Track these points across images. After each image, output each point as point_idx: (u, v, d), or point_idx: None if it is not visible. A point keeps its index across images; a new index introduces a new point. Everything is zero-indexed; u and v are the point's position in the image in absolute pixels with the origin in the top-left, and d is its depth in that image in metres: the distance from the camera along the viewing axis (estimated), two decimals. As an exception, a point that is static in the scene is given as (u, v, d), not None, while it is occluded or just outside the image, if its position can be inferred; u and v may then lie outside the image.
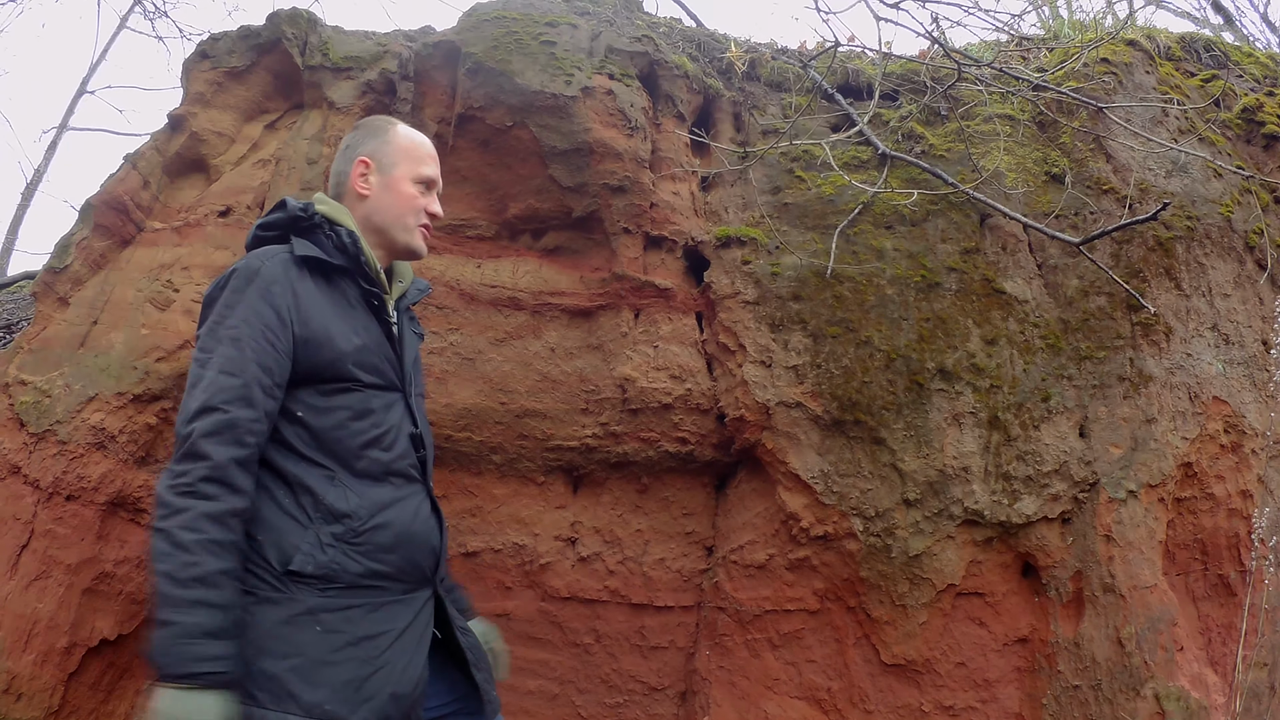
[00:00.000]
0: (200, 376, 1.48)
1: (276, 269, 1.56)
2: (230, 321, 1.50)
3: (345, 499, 1.51)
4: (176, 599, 1.32)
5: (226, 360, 1.47)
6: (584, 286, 2.73)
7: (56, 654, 2.59)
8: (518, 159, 2.71)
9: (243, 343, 1.48)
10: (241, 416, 1.44)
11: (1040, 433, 2.64)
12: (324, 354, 1.55)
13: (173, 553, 1.34)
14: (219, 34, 3.01)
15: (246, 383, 1.46)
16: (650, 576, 2.69)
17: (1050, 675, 2.58)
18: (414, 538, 1.60)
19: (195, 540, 1.35)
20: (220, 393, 1.44)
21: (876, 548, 2.55)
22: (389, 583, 1.54)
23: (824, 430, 2.59)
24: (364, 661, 1.46)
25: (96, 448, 2.67)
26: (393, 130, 1.77)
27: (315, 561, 1.46)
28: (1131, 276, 2.80)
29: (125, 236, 2.95)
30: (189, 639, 1.31)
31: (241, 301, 1.52)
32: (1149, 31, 3.32)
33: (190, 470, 1.39)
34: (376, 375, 1.62)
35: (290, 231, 1.65)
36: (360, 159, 1.73)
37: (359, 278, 1.65)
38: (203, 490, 1.38)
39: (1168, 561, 2.78)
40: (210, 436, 1.41)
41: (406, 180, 1.72)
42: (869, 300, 2.68)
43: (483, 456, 2.69)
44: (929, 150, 2.94)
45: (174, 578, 1.33)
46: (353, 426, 1.56)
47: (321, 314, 1.57)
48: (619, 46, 2.84)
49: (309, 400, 1.54)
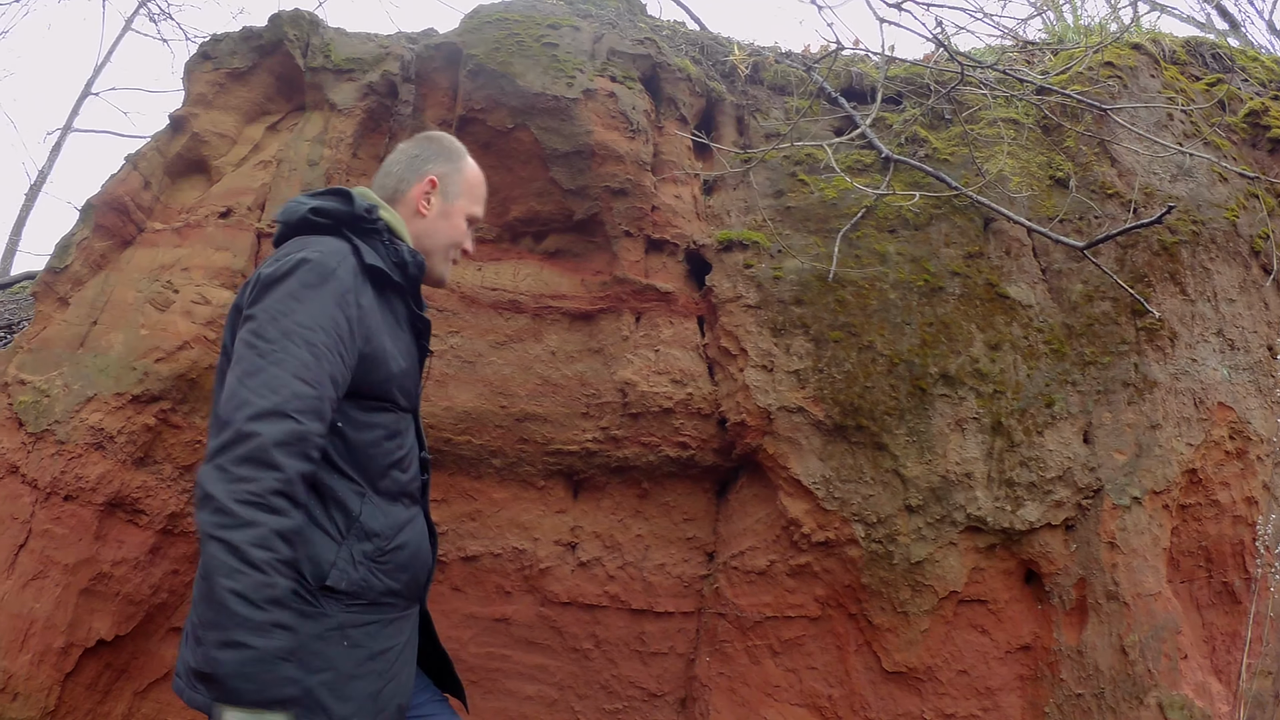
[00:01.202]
0: (261, 369, 1.37)
1: (347, 275, 1.49)
2: (301, 318, 1.42)
3: (375, 518, 1.52)
4: (253, 621, 1.25)
5: (302, 366, 1.39)
6: (585, 290, 2.71)
7: (53, 654, 2.58)
8: (519, 161, 2.70)
9: (319, 350, 1.41)
10: (313, 430, 1.37)
11: (1044, 438, 2.62)
12: (378, 373, 1.53)
13: (245, 571, 1.25)
14: (221, 35, 3.01)
15: (321, 396, 1.39)
16: (650, 582, 2.68)
17: (1053, 683, 2.56)
18: (420, 557, 1.63)
19: (268, 560, 1.27)
20: (295, 400, 1.36)
21: (878, 554, 2.53)
22: (399, 599, 1.57)
23: (826, 435, 2.58)
24: (380, 675, 1.49)
25: (95, 448, 2.66)
26: (464, 160, 1.77)
27: (349, 579, 1.46)
28: (1136, 281, 2.78)
29: (126, 237, 2.94)
30: (269, 663, 1.25)
31: (315, 300, 1.44)
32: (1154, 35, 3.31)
33: (259, 479, 1.30)
34: (408, 399, 1.62)
35: (346, 227, 1.58)
36: (430, 177, 1.71)
37: (412, 300, 1.65)
38: (274, 504, 1.30)
39: (1172, 569, 2.75)
40: (283, 447, 1.32)
41: (463, 215, 1.74)
42: (871, 304, 2.66)
43: (482, 460, 2.68)
44: (932, 154, 2.92)
45: (248, 599, 1.25)
46: (385, 445, 1.55)
47: (380, 332, 1.53)
48: (621, 49, 2.84)
49: (349, 413, 1.51)
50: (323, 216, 1.57)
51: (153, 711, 2.74)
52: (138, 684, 2.71)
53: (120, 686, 2.70)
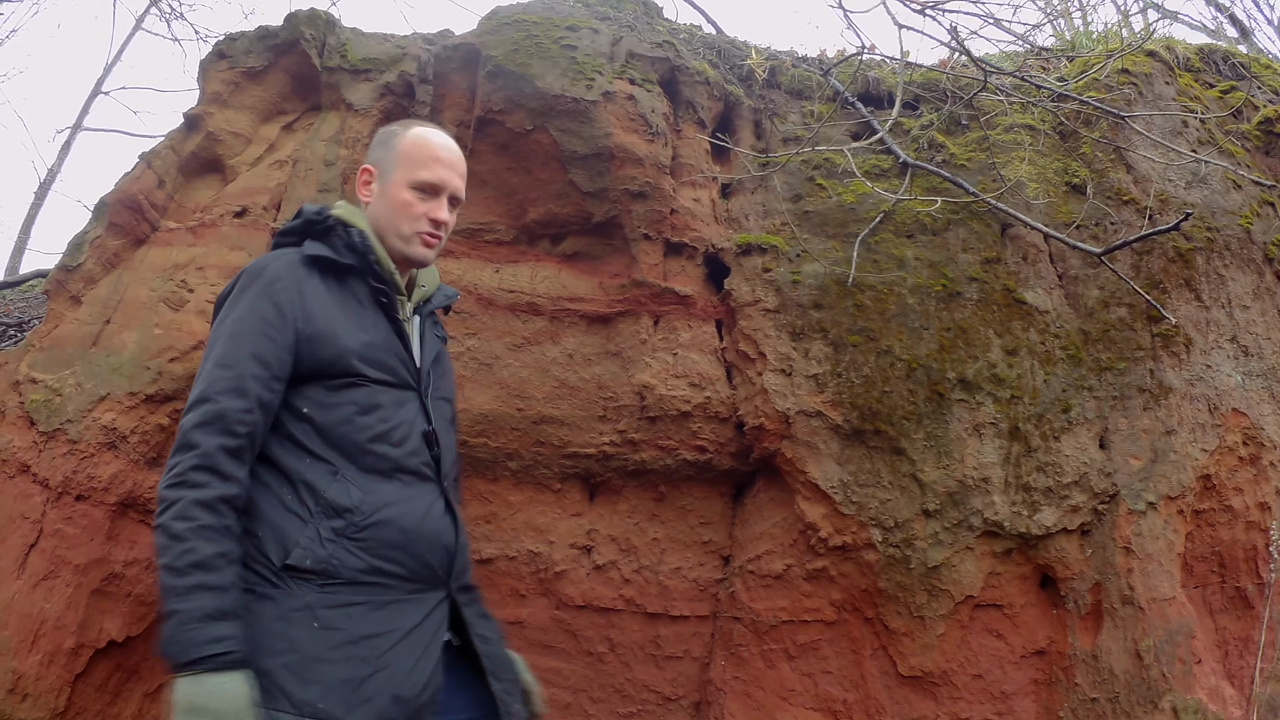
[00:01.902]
0: (200, 371, 1.52)
1: (281, 267, 1.60)
2: (232, 318, 1.54)
3: (347, 493, 1.50)
4: (177, 588, 1.33)
5: (221, 353, 1.51)
6: (603, 292, 2.70)
7: (63, 655, 2.56)
8: (537, 163, 2.69)
9: (239, 336, 1.52)
10: (231, 406, 1.46)
11: (1060, 444, 2.63)
12: (329, 350, 1.57)
13: (169, 544, 1.36)
14: (236, 34, 2.99)
15: (239, 374, 1.48)
16: (666, 585, 2.67)
17: (1067, 688, 2.56)
18: (424, 536, 1.56)
19: (187, 528, 1.36)
20: (213, 384, 1.48)
21: (895, 558, 2.53)
22: (395, 581, 1.50)
23: (844, 440, 2.58)
24: (363, 661, 1.42)
25: (107, 448, 2.65)
26: (399, 136, 1.75)
27: (314, 556, 1.44)
28: (1152, 287, 2.79)
29: (139, 236, 2.92)
30: (193, 624, 1.31)
31: (244, 299, 1.56)
32: (1168, 42, 3.32)
33: (180, 461, 1.42)
34: (385, 371, 1.62)
35: (306, 235, 1.69)
36: (365, 166, 1.77)
37: (369, 276, 1.67)
38: (192, 479, 1.40)
39: (1186, 574, 2.76)
40: (200, 427, 1.44)
41: (401, 186, 1.70)
42: (890, 309, 2.66)
43: (498, 463, 2.67)
44: (950, 159, 2.93)
45: (172, 568, 1.35)
46: (359, 421, 1.56)
47: (327, 311, 1.59)
48: (640, 51, 2.83)
49: (316, 397, 1.56)
50: (288, 235, 1.72)
51: (162, 713, 2.72)
52: (148, 685, 2.70)
53: (131, 688, 2.69)
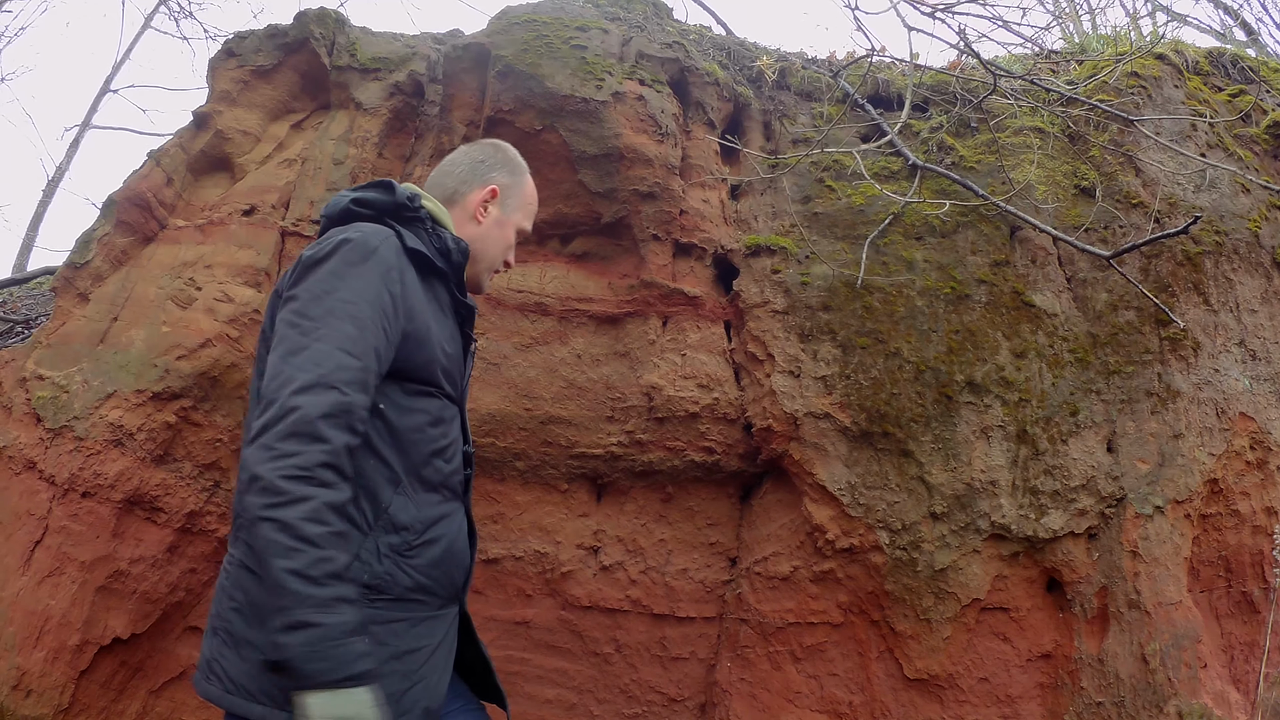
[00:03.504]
0: (304, 346, 1.34)
1: (391, 253, 1.47)
2: (344, 295, 1.39)
3: (406, 510, 1.47)
4: (316, 599, 1.20)
5: (346, 338, 1.35)
6: (612, 293, 2.70)
7: (68, 651, 2.56)
8: (547, 163, 2.69)
9: (363, 322, 1.38)
10: (358, 402, 1.33)
11: (1068, 447, 2.62)
12: (423, 353, 1.49)
13: (300, 547, 1.21)
14: (246, 32, 2.99)
15: (366, 366, 1.36)
16: (672, 587, 2.67)
17: (1073, 691, 2.56)
18: (456, 555, 1.57)
19: (322, 533, 1.23)
20: (340, 371, 1.32)
21: (902, 561, 2.53)
22: (429, 597, 1.51)
23: (852, 442, 2.57)
24: (404, 676, 1.43)
25: (114, 445, 2.64)
26: (525, 175, 1.79)
27: (371, 571, 1.41)
28: (1160, 291, 2.79)
29: (148, 233, 2.92)
30: (339, 640, 1.20)
31: (358, 276, 1.41)
32: (1177, 45, 3.31)
33: (305, 452, 1.25)
34: (453, 386, 1.59)
35: (389, 216, 1.57)
36: (492, 186, 1.71)
37: (455, 287, 1.62)
38: (322, 477, 1.25)
39: (1192, 578, 2.76)
40: (329, 419, 1.28)
41: (513, 228, 1.75)
42: (899, 311, 2.66)
43: (506, 463, 2.66)
44: (959, 162, 2.92)
45: (306, 575, 1.20)
46: (429, 432, 1.51)
47: (424, 312, 1.51)
48: (650, 52, 2.82)
49: (394, 397, 1.46)
50: (364, 206, 1.57)
51: (167, 710, 2.72)
52: (152, 683, 2.69)
53: (135, 685, 2.68)
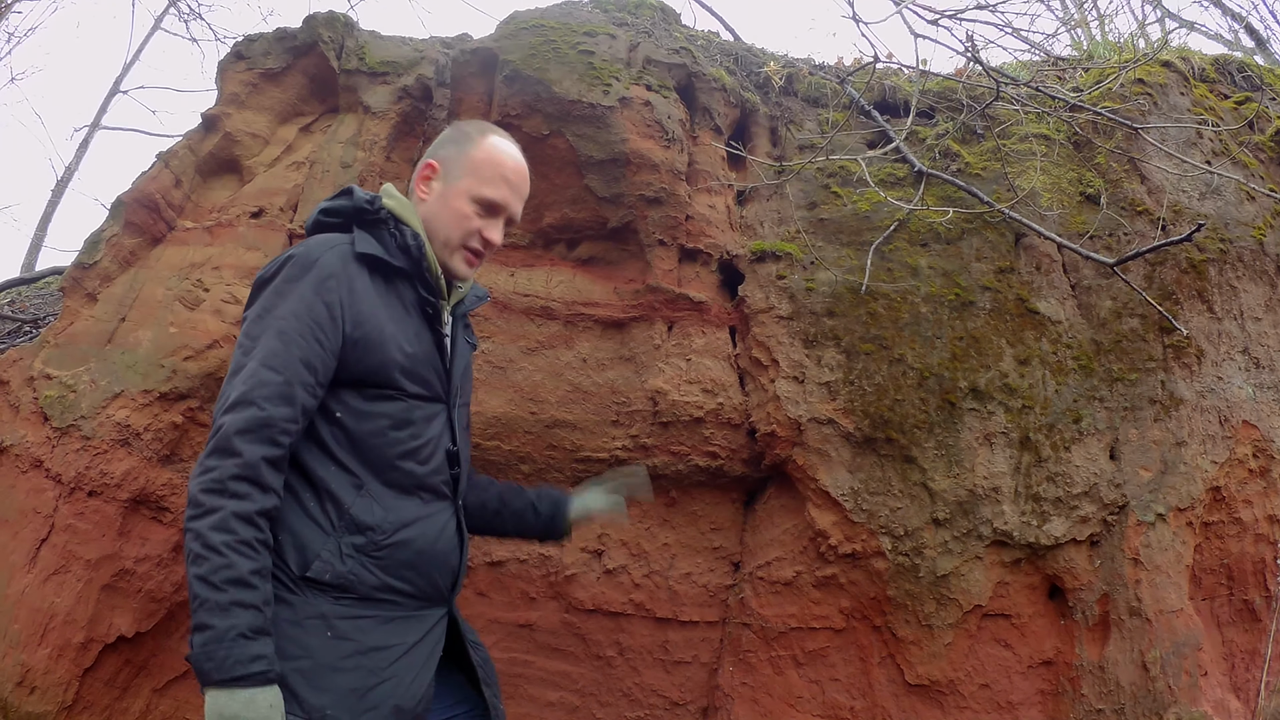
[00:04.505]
0: (241, 365, 1.42)
1: (334, 261, 1.49)
2: (279, 311, 1.44)
3: (370, 511, 1.49)
4: (213, 602, 1.30)
5: (270, 353, 1.41)
6: (617, 298, 2.71)
7: (72, 649, 2.58)
8: (554, 168, 2.70)
9: (289, 336, 1.42)
10: (278, 415, 1.39)
11: (1071, 454, 2.63)
12: (373, 358, 1.50)
13: (205, 554, 1.31)
14: (254, 35, 3.00)
15: (288, 380, 1.41)
16: (676, 591, 2.68)
17: (1074, 698, 2.57)
18: (435, 556, 1.57)
19: (225, 541, 1.32)
20: (259, 387, 1.39)
21: (904, 567, 2.54)
22: (403, 598, 1.52)
23: (855, 447, 2.58)
24: (370, 671, 1.45)
25: (120, 444, 2.66)
26: (473, 141, 1.66)
27: (334, 570, 1.44)
28: (1164, 298, 2.79)
29: (156, 234, 2.93)
30: (230, 642, 1.29)
31: (294, 291, 1.45)
32: (1183, 53, 3.32)
33: (220, 467, 1.35)
34: (422, 386, 1.58)
35: (353, 221, 1.59)
36: (429, 161, 1.67)
37: (418, 282, 1.60)
38: (232, 488, 1.35)
39: (1194, 586, 2.77)
40: (244, 434, 1.37)
41: (464, 197, 1.62)
42: (903, 318, 2.67)
43: (511, 466, 2.68)
44: (965, 169, 2.93)
45: (207, 580, 1.31)
46: (391, 435, 1.52)
47: (376, 316, 1.51)
48: (657, 58, 2.83)
49: (351, 403, 1.50)
50: (333, 216, 1.61)
51: (171, 709, 2.73)
52: (157, 681, 2.71)
53: (139, 683, 2.70)
